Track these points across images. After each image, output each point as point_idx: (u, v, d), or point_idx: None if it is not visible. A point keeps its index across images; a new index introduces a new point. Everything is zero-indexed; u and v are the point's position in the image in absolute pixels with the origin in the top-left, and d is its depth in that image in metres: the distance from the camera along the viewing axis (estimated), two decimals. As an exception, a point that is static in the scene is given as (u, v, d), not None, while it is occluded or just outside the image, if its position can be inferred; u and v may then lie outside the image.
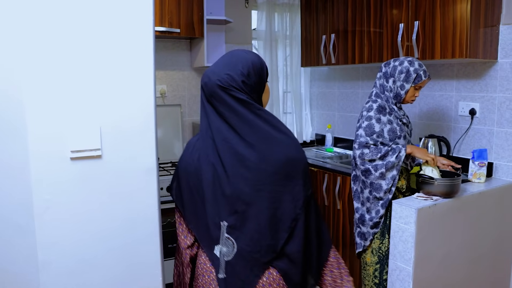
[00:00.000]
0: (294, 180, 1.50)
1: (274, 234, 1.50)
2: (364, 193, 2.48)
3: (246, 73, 1.52)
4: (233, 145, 1.48)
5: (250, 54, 1.59)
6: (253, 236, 1.49)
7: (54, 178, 1.50)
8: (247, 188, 1.47)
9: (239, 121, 1.49)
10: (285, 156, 1.49)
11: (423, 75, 2.42)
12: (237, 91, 1.49)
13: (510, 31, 2.72)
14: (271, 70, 4.09)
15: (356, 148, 2.42)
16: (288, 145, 1.52)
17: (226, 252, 1.50)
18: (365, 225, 2.49)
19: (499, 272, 2.79)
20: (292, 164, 1.50)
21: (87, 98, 1.53)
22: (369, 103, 2.47)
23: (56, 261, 1.54)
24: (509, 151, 2.77)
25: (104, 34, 1.54)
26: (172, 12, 3.23)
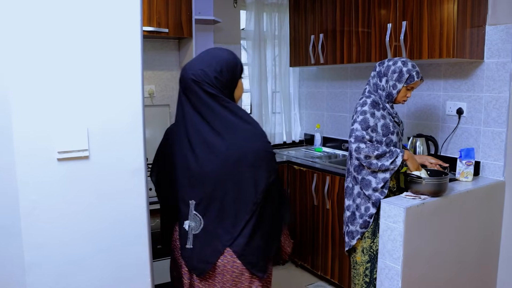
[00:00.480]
0: (257, 167, 1.67)
1: (236, 215, 1.69)
2: (355, 189, 2.49)
3: (219, 70, 1.69)
4: (204, 134, 1.68)
5: (225, 52, 1.76)
6: (217, 215, 1.69)
7: (41, 179, 1.49)
8: (214, 173, 1.66)
9: (210, 113, 1.67)
10: (249, 145, 1.67)
11: (415, 76, 2.43)
12: (209, 86, 1.67)
13: (496, 31, 2.75)
14: (260, 70, 4.09)
15: (352, 142, 2.40)
16: (253, 135, 1.70)
17: (194, 227, 1.72)
18: (354, 224, 2.50)
19: (486, 269, 2.82)
20: (255, 153, 1.68)
21: (74, 99, 1.52)
22: (363, 98, 2.48)
23: (43, 263, 1.52)
24: (495, 150, 2.80)
25: (91, 34, 1.53)
26: (160, 12, 3.21)
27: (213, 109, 1.67)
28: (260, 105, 4.15)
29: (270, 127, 4.26)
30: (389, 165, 2.34)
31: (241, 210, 1.68)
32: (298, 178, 3.60)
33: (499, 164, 2.79)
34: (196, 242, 1.72)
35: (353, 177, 2.49)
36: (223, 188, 1.68)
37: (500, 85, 2.74)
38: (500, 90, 2.74)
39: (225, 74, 1.71)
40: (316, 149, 4.12)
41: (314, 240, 3.49)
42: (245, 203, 1.68)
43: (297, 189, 3.61)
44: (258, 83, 4.10)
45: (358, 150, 2.37)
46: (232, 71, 1.74)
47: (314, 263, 3.52)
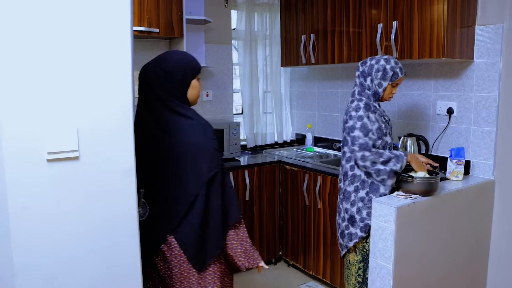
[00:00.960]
0: (198, 162, 1.81)
1: (177, 206, 1.83)
2: (360, 193, 2.46)
3: (167, 70, 1.85)
4: (152, 130, 1.85)
5: (178, 55, 1.92)
6: (161, 205, 1.85)
7: (30, 179, 1.47)
8: (160, 166, 1.83)
9: (157, 111, 1.84)
10: (192, 141, 1.81)
11: (399, 72, 2.44)
12: (158, 86, 1.84)
13: (485, 31, 2.77)
14: (251, 70, 4.08)
15: (356, 151, 2.38)
16: (195, 131, 1.84)
17: (142, 214, 1.88)
18: (354, 226, 2.48)
19: (476, 267, 2.84)
20: (196, 148, 1.82)
21: (64, 99, 1.50)
22: (355, 102, 2.46)
23: (33, 265, 1.50)
24: (485, 149, 2.82)
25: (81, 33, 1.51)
26: (151, 11, 3.20)
27: (159, 107, 1.85)
28: (251, 105, 4.14)
29: (261, 127, 4.26)
30: (398, 169, 2.36)
31: (182, 201, 1.82)
32: (289, 178, 3.60)
33: (489, 163, 2.81)
34: (143, 228, 1.78)
35: (362, 180, 2.45)
36: (168, 180, 1.84)
37: (490, 85, 2.76)
38: (490, 89, 2.76)
39: (174, 75, 1.85)
40: (308, 149, 4.12)
41: (305, 239, 3.49)
42: (186, 195, 1.82)
43: (289, 189, 3.61)
44: (249, 83, 4.10)
45: (363, 158, 2.36)
46: (183, 72, 1.88)
47: (306, 262, 3.52)
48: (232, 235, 1.93)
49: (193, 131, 1.83)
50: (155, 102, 1.86)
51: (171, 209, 1.85)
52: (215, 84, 4.01)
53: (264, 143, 4.31)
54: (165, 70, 1.86)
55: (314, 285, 3.46)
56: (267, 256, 3.73)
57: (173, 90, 1.86)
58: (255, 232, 3.63)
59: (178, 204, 1.84)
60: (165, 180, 1.85)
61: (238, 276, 3.51)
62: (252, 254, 1.97)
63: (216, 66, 3.98)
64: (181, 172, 1.83)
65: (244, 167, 3.52)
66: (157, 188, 1.85)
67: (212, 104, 4.02)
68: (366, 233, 2.45)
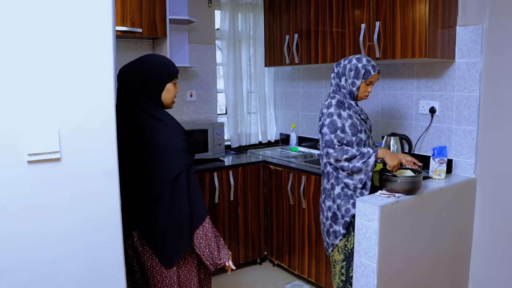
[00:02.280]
0: (164, 161, 1.89)
1: (142, 203, 1.92)
2: (336, 190, 2.49)
3: (143, 73, 1.93)
4: (123, 130, 1.85)
5: (154, 58, 2.00)
6: (127, 202, 1.91)
7: (10, 182, 1.45)
8: (128, 165, 1.87)
9: (131, 112, 1.92)
10: (158, 142, 1.89)
11: (371, 70, 2.46)
12: (133, 89, 1.92)
13: (466, 32, 2.80)
14: (235, 70, 4.08)
15: (323, 147, 2.45)
16: (164, 133, 1.91)
17: None
18: (337, 223, 2.50)
19: (459, 264, 2.88)
20: (163, 149, 1.89)
21: (44, 99, 1.48)
22: (328, 100, 2.51)
23: (14, 269, 1.48)
24: (467, 148, 2.86)
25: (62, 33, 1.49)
26: (134, 11, 3.17)
27: (132, 109, 1.93)
28: (235, 105, 4.14)
29: (245, 127, 4.25)
30: (360, 165, 2.37)
31: (146, 198, 1.91)
32: (274, 177, 3.60)
33: (470, 161, 2.85)
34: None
35: (335, 177, 2.49)
36: (134, 178, 1.92)
37: (471, 85, 2.80)
38: (471, 89, 2.80)
39: (149, 78, 1.93)
40: (292, 149, 4.13)
41: (290, 239, 3.50)
42: (151, 192, 1.91)
43: (273, 188, 3.62)
44: (233, 83, 4.09)
45: (327, 155, 2.42)
46: (158, 76, 1.95)
47: (291, 262, 3.53)
48: (200, 234, 1.95)
49: (162, 132, 1.90)
50: (129, 103, 1.93)
51: (136, 206, 1.94)
52: (199, 84, 4.00)
53: (248, 143, 4.31)
54: (141, 72, 1.93)
55: (299, 285, 3.46)
56: (252, 256, 3.73)
57: (147, 92, 1.94)
58: (240, 232, 3.63)
59: (143, 201, 1.92)
60: (132, 178, 1.92)
61: (223, 276, 3.50)
62: (219, 254, 1.98)
63: (200, 67, 3.96)
64: (147, 171, 1.90)
65: (229, 167, 3.51)
66: (125, 186, 1.86)
67: (196, 105, 4.00)
68: (346, 229, 2.47)
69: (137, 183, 1.93)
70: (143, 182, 1.92)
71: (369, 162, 2.37)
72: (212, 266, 1.99)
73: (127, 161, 1.87)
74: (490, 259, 2.83)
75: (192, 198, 1.93)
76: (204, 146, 3.64)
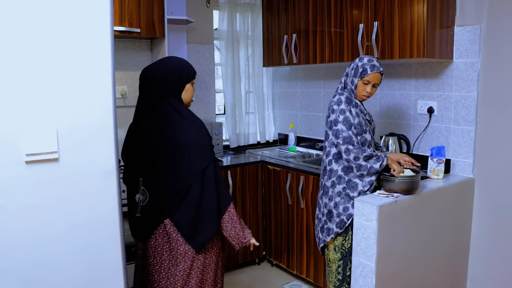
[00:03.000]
0: (190, 155, 2.03)
1: (173, 194, 2.05)
2: (336, 188, 2.48)
3: (165, 73, 2.09)
4: (149, 127, 2.10)
5: (175, 60, 2.17)
6: (158, 195, 2.09)
7: (8, 182, 1.44)
8: (158, 158, 2.06)
9: (157, 106, 2.08)
10: (183, 137, 2.04)
11: (369, 69, 2.45)
12: (157, 86, 2.08)
13: (463, 32, 2.81)
14: (233, 70, 4.08)
15: (341, 144, 2.40)
16: (187, 128, 2.06)
17: (142, 199, 2.13)
18: (331, 221, 2.50)
19: (457, 264, 2.88)
20: (186, 143, 2.03)
21: (42, 99, 1.48)
22: (336, 96, 2.49)
23: (12, 269, 1.48)
24: (465, 148, 2.86)
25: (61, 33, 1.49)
26: (132, 11, 3.17)
27: (158, 106, 2.08)
28: (233, 105, 4.14)
29: (244, 127, 4.25)
30: (378, 168, 2.38)
31: (178, 190, 2.05)
32: (272, 177, 3.60)
33: (468, 161, 2.85)
34: (143, 213, 2.12)
35: (339, 176, 2.47)
36: (165, 171, 2.07)
37: (469, 85, 2.80)
38: (469, 89, 2.81)
39: (171, 78, 2.09)
40: (290, 149, 4.13)
41: (289, 239, 3.50)
42: (181, 184, 2.04)
43: (272, 188, 3.62)
44: (231, 83, 4.09)
45: (347, 151, 2.38)
46: (179, 76, 2.11)
47: (289, 262, 3.53)
48: (226, 219, 2.13)
49: (188, 130, 2.06)
50: (155, 98, 2.09)
51: (168, 196, 2.07)
52: (198, 84, 3.99)
53: (246, 143, 4.31)
54: (163, 72, 2.10)
55: (297, 285, 3.47)
56: (250, 256, 3.73)
57: (170, 90, 2.10)
58: (239, 233, 3.62)
59: (174, 192, 2.06)
60: (163, 171, 2.07)
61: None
62: (243, 234, 2.17)
63: (198, 67, 3.96)
64: (176, 164, 2.05)
65: (227, 167, 3.51)
66: (156, 178, 2.08)
67: (194, 104, 3.99)
68: (342, 229, 2.47)
69: (165, 177, 2.07)
70: (172, 176, 2.06)
71: (383, 165, 2.39)
72: (237, 245, 2.17)
73: (151, 155, 2.08)
74: (488, 258, 2.83)
75: (219, 186, 2.11)
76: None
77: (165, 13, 3.31)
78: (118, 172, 1.66)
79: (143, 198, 2.13)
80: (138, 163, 2.15)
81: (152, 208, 2.10)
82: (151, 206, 2.11)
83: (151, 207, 2.11)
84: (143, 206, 2.12)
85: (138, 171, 2.14)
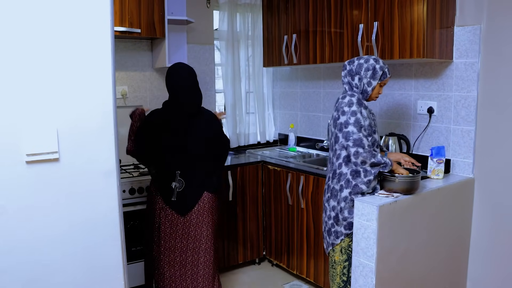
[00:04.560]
0: (216, 149, 2.81)
1: (205, 175, 2.75)
2: (344, 192, 2.45)
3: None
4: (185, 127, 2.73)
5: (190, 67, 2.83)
6: (194, 178, 2.72)
7: (8, 182, 1.45)
8: (192, 152, 2.72)
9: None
10: (211, 133, 2.78)
11: (387, 72, 2.47)
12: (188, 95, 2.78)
13: (463, 32, 2.81)
14: (233, 70, 4.08)
15: (350, 146, 2.36)
16: (213, 126, 2.82)
17: (179, 186, 2.68)
18: (339, 224, 2.49)
19: (457, 264, 2.88)
20: (216, 139, 2.81)
21: (43, 100, 1.48)
22: (347, 97, 2.44)
23: (12, 269, 1.48)
24: (465, 148, 2.86)
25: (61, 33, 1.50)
26: (133, 12, 3.17)
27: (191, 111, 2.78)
28: (234, 105, 4.14)
29: (244, 127, 4.26)
30: (376, 173, 2.39)
31: (205, 171, 2.76)
32: (272, 178, 3.61)
33: (468, 161, 2.85)
34: (179, 196, 2.68)
35: (347, 180, 2.44)
36: (198, 162, 2.71)
37: (469, 85, 2.80)
38: (469, 89, 2.81)
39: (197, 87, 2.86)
40: (290, 149, 4.14)
41: (289, 239, 3.50)
42: (207, 167, 2.77)
43: (272, 189, 3.62)
44: (231, 84, 4.09)
45: (356, 154, 2.35)
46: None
47: (289, 262, 3.54)
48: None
49: (212, 126, 2.82)
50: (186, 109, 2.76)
51: (202, 181, 2.73)
52: (198, 84, 4.00)
53: (247, 143, 4.31)
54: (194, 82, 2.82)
55: (298, 284, 3.47)
56: (250, 256, 3.74)
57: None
58: (239, 232, 3.63)
59: (205, 173, 2.75)
60: (196, 162, 2.71)
61: (222, 276, 3.50)
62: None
63: (199, 67, 3.96)
64: (206, 156, 2.75)
65: (227, 167, 3.51)
66: (190, 168, 2.69)
67: (194, 105, 4.00)
68: (351, 230, 2.46)
69: (200, 164, 2.74)
70: (202, 165, 2.74)
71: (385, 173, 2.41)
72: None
73: (187, 149, 2.70)
74: (488, 258, 2.83)
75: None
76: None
77: (165, 14, 3.32)
78: (119, 172, 1.66)
79: (179, 185, 2.67)
80: (172, 157, 2.68)
81: (189, 192, 2.69)
82: (188, 191, 2.69)
83: (187, 191, 2.69)
84: (179, 192, 2.67)
85: (173, 163, 2.68)
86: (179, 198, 2.68)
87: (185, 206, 2.70)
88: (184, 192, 2.69)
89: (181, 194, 2.68)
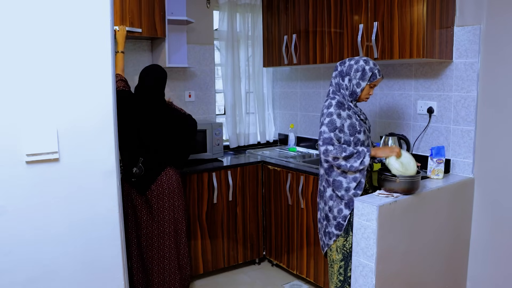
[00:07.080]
0: (178, 137, 2.96)
1: (167, 156, 2.94)
2: (327, 192, 2.51)
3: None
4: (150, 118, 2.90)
5: (160, 67, 2.99)
6: (154, 162, 2.89)
7: (8, 183, 1.45)
8: (152, 141, 2.89)
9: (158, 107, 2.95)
10: (178, 124, 2.94)
11: (377, 73, 2.48)
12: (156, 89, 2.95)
13: (463, 32, 2.81)
14: (233, 70, 4.08)
15: (320, 145, 2.43)
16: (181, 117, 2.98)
17: (139, 172, 2.84)
18: (330, 225, 2.52)
19: (457, 264, 2.88)
20: (181, 129, 2.95)
21: (43, 100, 1.49)
22: (328, 100, 2.50)
23: (12, 270, 1.48)
24: (464, 148, 2.86)
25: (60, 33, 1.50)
26: (133, 12, 3.17)
27: (160, 104, 2.95)
28: (233, 105, 4.14)
29: (244, 127, 4.26)
30: (358, 166, 2.38)
31: (165, 153, 2.94)
32: (272, 177, 3.61)
33: (468, 161, 2.85)
34: (139, 178, 2.87)
35: (325, 179, 2.52)
36: (158, 150, 2.88)
37: (469, 85, 2.81)
38: (469, 89, 2.81)
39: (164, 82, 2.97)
40: (290, 149, 4.14)
41: (289, 239, 3.50)
42: (171, 154, 2.95)
43: (272, 188, 3.62)
44: (231, 84, 4.10)
45: (326, 152, 2.40)
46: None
47: (289, 262, 3.54)
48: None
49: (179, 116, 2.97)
50: (157, 102, 2.95)
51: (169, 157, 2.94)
52: (198, 84, 4.00)
53: (247, 143, 4.31)
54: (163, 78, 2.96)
55: (298, 284, 3.47)
56: (250, 256, 3.74)
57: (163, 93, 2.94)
58: (239, 232, 3.63)
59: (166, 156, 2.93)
60: (156, 150, 2.87)
61: (221, 276, 3.51)
62: None
63: (199, 67, 3.97)
64: (167, 144, 2.91)
65: (227, 168, 3.52)
66: (150, 155, 2.86)
67: (194, 105, 4.01)
68: (341, 231, 2.48)
69: (164, 150, 2.91)
70: (163, 149, 2.91)
71: (365, 162, 2.38)
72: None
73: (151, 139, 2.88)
74: (488, 258, 2.83)
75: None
76: (203, 147, 3.65)
77: (166, 14, 3.32)
78: (119, 172, 1.66)
79: (139, 171, 2.83)
80: (135, 145, 2.85)
81: (148, 173, 2.86)
82: (147, 173, 2.86)
83: (146, 174, 2.86)
84: (139, 175, 2.85)
85: (135, 151, 2.86)
86: (139, 178, 2.88)
87: (144, 184, 2.87)
88: (144, 175, 2.87)
89: (141, 176, 2.87)
